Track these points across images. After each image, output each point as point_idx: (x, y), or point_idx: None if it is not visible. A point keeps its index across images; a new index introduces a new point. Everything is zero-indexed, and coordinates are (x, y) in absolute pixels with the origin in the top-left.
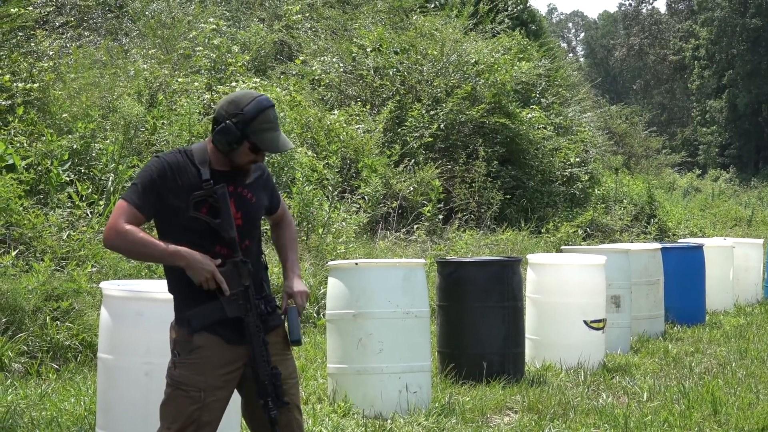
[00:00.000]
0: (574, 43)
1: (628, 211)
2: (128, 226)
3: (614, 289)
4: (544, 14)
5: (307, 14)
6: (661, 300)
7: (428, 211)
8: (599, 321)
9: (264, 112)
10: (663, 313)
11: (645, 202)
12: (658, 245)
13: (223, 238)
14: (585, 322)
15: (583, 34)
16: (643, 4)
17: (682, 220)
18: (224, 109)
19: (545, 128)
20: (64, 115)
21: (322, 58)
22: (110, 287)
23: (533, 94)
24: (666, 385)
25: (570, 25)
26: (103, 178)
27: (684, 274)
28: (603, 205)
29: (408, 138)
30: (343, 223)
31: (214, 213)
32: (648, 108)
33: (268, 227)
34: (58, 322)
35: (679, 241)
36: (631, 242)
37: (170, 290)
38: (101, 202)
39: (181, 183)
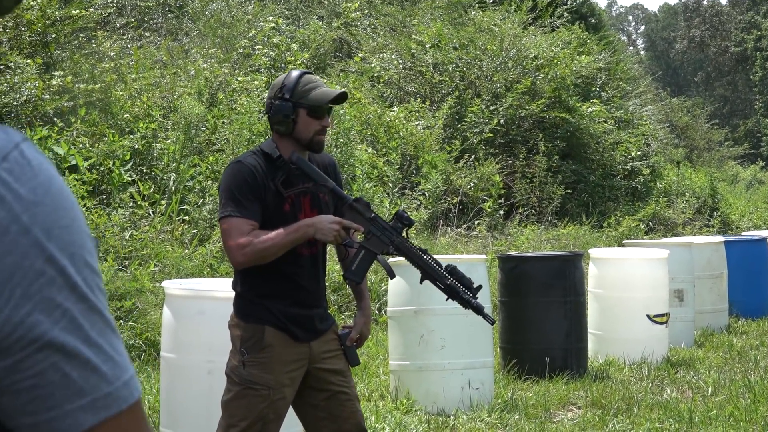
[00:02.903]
0: (634, 36)
1: (691, 205)
2: (245, 238)
3: (677, 283)
4: (603, 7)
5: (366, 11)
6: (724, 293)
7: (489, 207)
8: (662, 315)
9: (303, 76)
10: (727, 307)
11: (707, 195)
12: (722, 238)
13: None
14: (648, 316)
15: (643, 27)
16: None
17: (746, 212)
18: (268, 97)
19: (606, 122)
20: (125, 116)
21: (381, 55)
22: (172, 286)
23: (593, 88)
24: (731, 379)
25: (630, 17)
26: (164, 177)
27: (748, 267)
28: (665, 199)
29: (468, 134)
30: None
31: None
32: (710, 100)
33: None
34: (122, 322)
35: (742, 233)
36: (694, 236)
37: (242, 285)
38: (163, 202)
39: (265, 181)
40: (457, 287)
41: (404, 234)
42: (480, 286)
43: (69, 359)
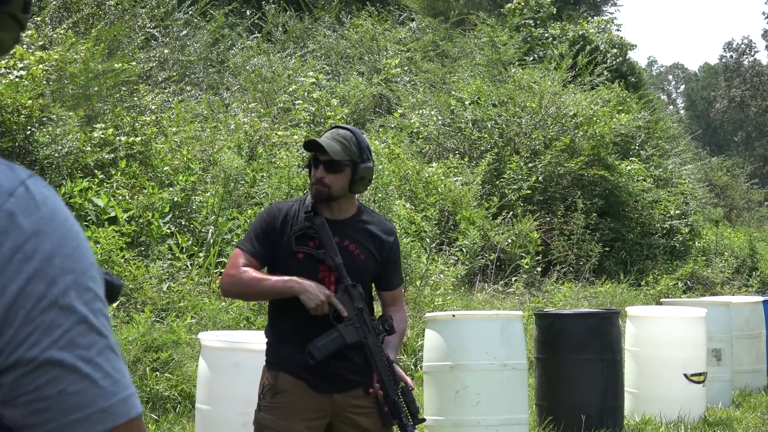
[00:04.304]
0: (674, 95)
1: (730, 264)
2: (238, 270)
3: (715, 342)
4: (643, 66)
5: (406, 68)
6: (763, 353)
7: (526, 264)
8: (700, 374)
9: (332, 129)
10: (765, 367)
11: (746, 255)
12: (760, 298)
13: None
14: (685, 375)
15: (683, 86)
16: (745, 56)
17: None
18: None
19: (644, 180)
20: (165, 168)
21: (421, 111)
22: (208, 338)
23: (632, 146)
24: None
25: (670, 77)
26: (203, 230)
27: None
28: (703, 258)
29: (506, 190)
30: (441, 276)
31: (317, 246)
32: (749, 160)
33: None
34: (158, 373)
35: None
36: (733, 295)
37: (267, 331)
38: (201, 254)
39: (287, 228)
40: (401, 407)
41: (380, 339)
42: (423, 419)
43: (67, 375)
